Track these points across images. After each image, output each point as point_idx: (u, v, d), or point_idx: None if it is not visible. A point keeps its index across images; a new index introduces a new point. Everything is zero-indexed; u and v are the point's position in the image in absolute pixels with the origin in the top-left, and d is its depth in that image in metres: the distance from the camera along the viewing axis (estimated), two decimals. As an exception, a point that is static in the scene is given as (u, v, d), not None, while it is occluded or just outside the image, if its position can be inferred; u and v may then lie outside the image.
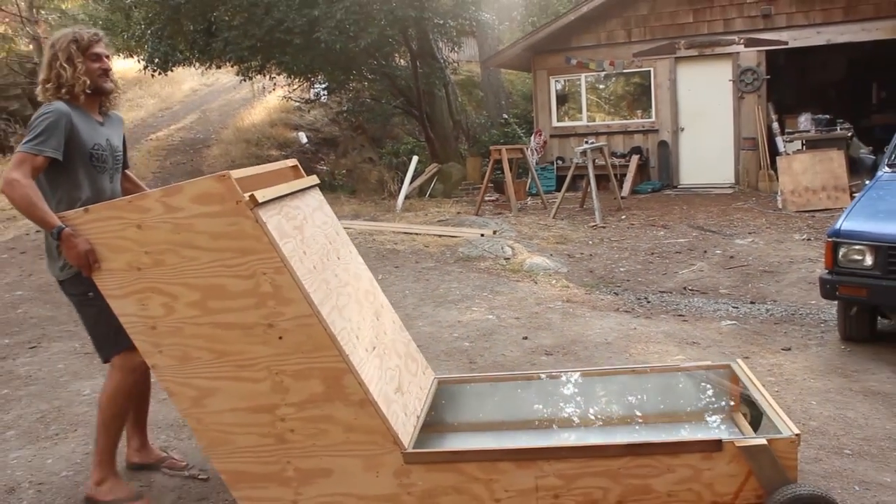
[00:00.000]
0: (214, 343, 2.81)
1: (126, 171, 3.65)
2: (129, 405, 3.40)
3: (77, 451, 4.00)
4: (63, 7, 24.47)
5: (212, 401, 2.86)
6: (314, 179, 3.41)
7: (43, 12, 20.84)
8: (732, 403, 3.48)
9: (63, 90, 3.23)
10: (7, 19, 20.90)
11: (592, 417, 3.56)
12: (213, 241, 2.72)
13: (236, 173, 2.83)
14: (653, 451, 2.74)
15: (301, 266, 2.77)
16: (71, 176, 3.21)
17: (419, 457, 2.83)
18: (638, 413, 3.55)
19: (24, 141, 3.10)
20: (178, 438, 4.11)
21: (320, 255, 3.00)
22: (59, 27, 23.30)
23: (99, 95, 3.37)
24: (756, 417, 3.22)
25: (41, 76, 3.31)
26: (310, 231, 3.04)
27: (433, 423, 3.42)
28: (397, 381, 3.11)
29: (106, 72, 3.34)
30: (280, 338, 2.75)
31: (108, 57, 3.38)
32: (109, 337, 3.23)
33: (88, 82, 3.26)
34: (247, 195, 2.67)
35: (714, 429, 3.41)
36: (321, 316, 2.72)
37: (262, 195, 2.73)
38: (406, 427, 2.94)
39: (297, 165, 3.49)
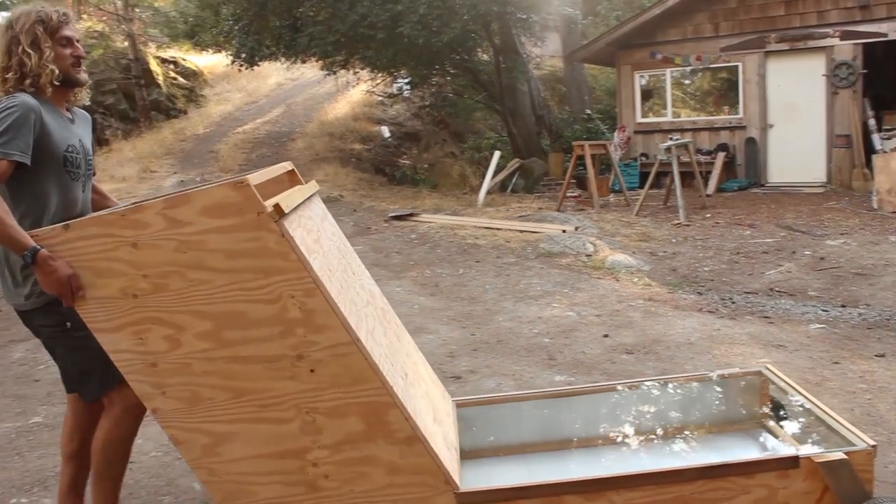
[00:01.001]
0: (231, 380, 2.41)
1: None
2: (125, 450, 2.88)
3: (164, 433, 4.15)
4: (156, 5, 25.29)
5: (228, 448, 2.46)
6: (314, 186, 3.01)
7: (137, 10, 21.56)
8: (769, 411, 3.30)
9: (27, 81, 2.70)
10: (105, 17, 21.70)
11: (633, 435, 3.31)
12: (228, 261, 2.31)
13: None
14: (727, 473, 2.55)
15: (331, 286, 2.40)
16: (38, 184, 2.67)
17: (475, 497, 2.50)
18: (677, 427, 3.32)
19: None
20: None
21: (341, 272, 2.63)
22: (152, 25, 24.18)
23: (69, 88, 2.84)
24: (792, 425, 3.09)
25: None
26: (326, 244, 2.67)
27: (466, 452, 3.11)
28: (432, 410, 2.78)
29: (79, 59, 2.83)
30: (312, 371, 2.37)
31: (78, 41, 2.87)
32: (96, 373, 2.71)
33: (57, 72, 2.73)
34: (269, 204, 2.29)
35: (758, 442, 3.22)
36: (361, 343, 2.36)
37: (286, 205, 2.34)
38: (452, 463, 2.59)
39: (293, 170, 3.12)
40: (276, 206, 2.27)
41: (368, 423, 2.42)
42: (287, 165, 3.09)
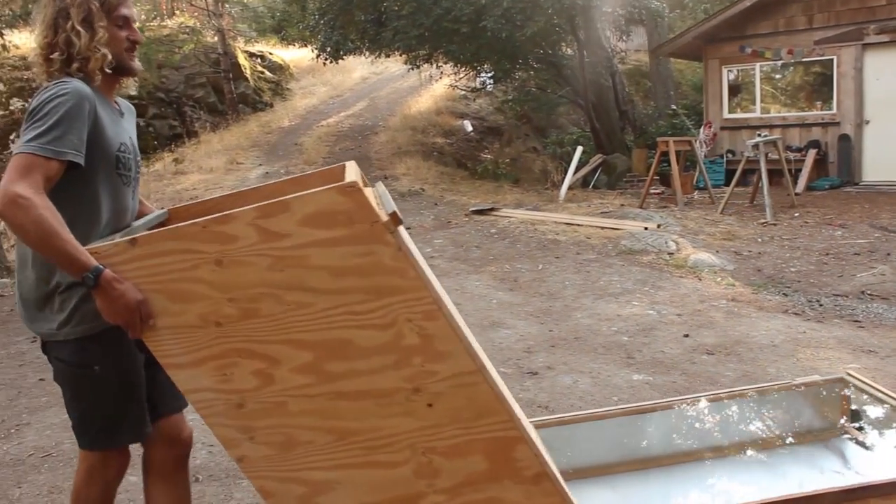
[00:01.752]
0: (334, 420, 2.06)
1: None
2: None
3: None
4: (245, 1, 25.91)
5: (328, 498, 2.14)
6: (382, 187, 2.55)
7: (227, 6, 22.13)
8: (856, 420, 3.11)
9: (74, 64, 2.23)
10: (196, 13, 22.34)
11: (722, 450, 3.07)
12: (334, 280, 1.95)
13: (273, 186, 2.31)
14: (867, 495, 2.34)
15: (450, 306, 2.10)
16: (88, 189, 2.22)
17: None
18: (766, 439, 3.10)
19: (27, 135, 2.06)
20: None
21: (437, 286, 2.21)
22: (241, 20, 24.75)
23: (119, 76, 2.39)
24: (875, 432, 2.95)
25: (39, 38, 2.28)
26: (416, 254, 2.21)
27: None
28: (534, 436, 2.43)
29: (134, 44, 2.38)
30: (429, 405, 2.05)
31: (135, 22, 2.42)
32: (106, 428, 2.31)
33: (110, 57, 2.27)
34: (382, 212, 1.95)
35: (849, 449, 2.99)
36: (486, 371, 2.05)
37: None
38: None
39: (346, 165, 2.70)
40: (394, 214, 1.93)
41: (493, 461, 2.11)
42: (350, 165, 2.63)
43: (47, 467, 3.94)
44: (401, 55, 17.17)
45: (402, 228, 2.04)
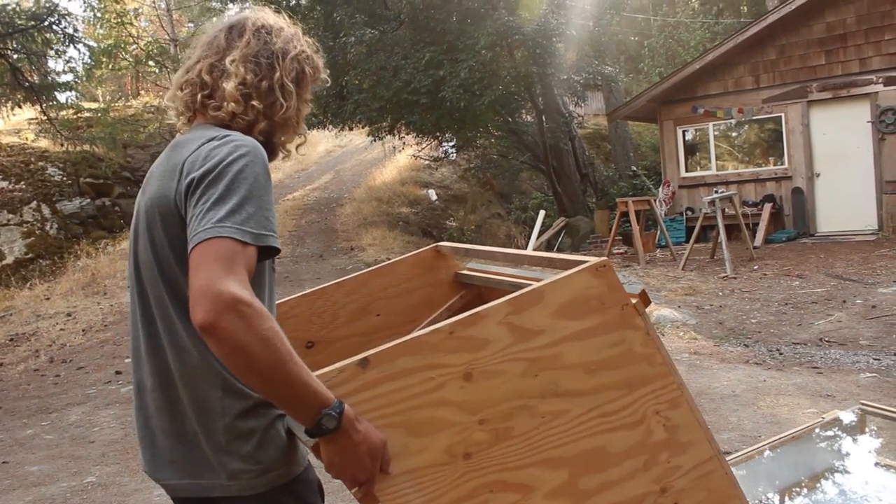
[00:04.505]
0: None
1: None
2: None
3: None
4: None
5: None
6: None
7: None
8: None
9: (262, 125, 1.70)
10: (161, 92, 22.60)
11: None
12: (588, 379, 1.66)
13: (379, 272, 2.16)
14: None
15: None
16: (265, 285, 1.65)
17: None
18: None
19: (221, 210, 1.44)
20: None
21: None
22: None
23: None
24: None
25: (237, 68, 1.68)
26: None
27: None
28: None
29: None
30: None
31: None
32: None
33: (305, 138, 1.90)
34: (629, 292, 1.72)
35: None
36: (721, 456, 1.82)
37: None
38: None
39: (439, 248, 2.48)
40: (643, 293, 1.71)
41: None
42: (444, 246, 2.43)
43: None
44: (363, 127, 17.45)
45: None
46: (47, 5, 12.55)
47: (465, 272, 2.46)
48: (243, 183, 1.47)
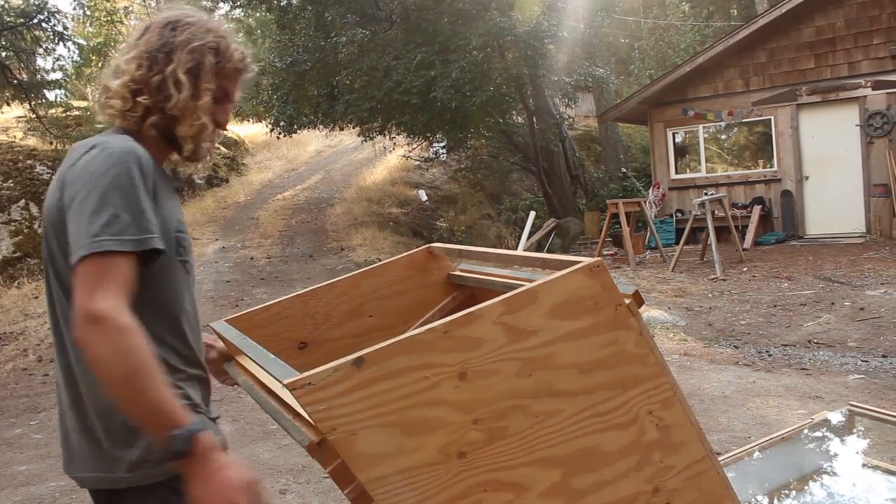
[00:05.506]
0: None
1: None
2: None
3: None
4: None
5: None
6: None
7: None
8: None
9: (152, 118, 1.68)
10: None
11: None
12: (581, 379, 1.68)
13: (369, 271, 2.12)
14: None
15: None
16: (164, 286, 1.65)
17: None
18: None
19: (95, 224, 1.47)
20: (297, 482, 4.29)
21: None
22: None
23: (172, 150, 1.77)
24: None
25: (131, 66, 1.69)
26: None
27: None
28: None
29: (223, 125, 1.82)
30: None
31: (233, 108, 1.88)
32: None
33: (211, 129, 1.77)
34: (622, 292, 1.72)
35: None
36: (713, 455, 1.82)
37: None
38: None
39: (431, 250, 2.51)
40: (636, 294, 1.71)
41: None
42: (437, 247, 2.41)
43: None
44: (354, 128, 17.45)
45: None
46: (36, 3, 12.51)
47: (457, 273, 2.47)
48: (114, 192, 1.49)
